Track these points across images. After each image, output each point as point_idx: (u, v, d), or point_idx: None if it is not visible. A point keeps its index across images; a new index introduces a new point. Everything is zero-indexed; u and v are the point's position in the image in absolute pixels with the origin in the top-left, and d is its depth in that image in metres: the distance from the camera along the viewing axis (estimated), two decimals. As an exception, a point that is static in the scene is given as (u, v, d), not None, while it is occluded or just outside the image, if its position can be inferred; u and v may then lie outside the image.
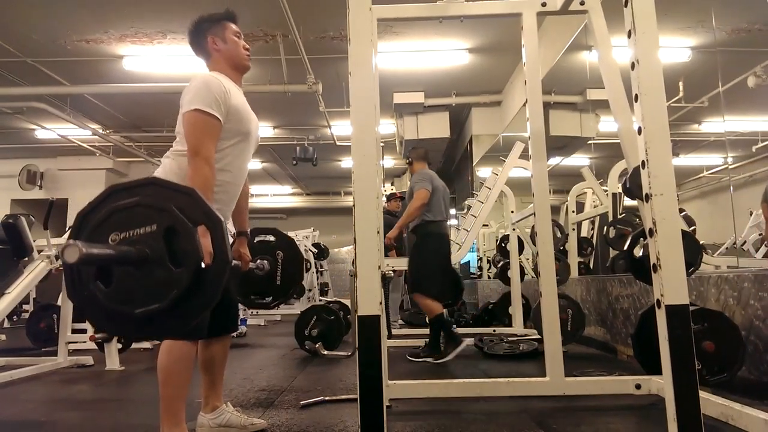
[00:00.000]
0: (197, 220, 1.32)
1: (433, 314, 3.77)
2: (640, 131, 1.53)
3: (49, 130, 8.62)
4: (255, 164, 11.04)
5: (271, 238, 2.49)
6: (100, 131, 8.86)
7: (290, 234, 8.15)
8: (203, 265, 1.30)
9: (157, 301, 1.27)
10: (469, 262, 10.07)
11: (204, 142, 1.77)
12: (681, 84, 4.76)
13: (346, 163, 11.08)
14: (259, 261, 2.37)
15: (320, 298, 8.04)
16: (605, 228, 4.54)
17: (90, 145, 9.58)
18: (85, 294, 1.29)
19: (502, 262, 5.46)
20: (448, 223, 4.85)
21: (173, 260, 1.28)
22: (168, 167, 1.88)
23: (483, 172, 8.02)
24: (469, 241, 4.63)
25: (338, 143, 9.13)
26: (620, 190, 4.27)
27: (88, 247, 1.14)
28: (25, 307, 6.90)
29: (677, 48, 4.77)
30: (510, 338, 4.32)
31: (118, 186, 1.40)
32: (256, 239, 2.46)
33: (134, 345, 4.34)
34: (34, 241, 3.73)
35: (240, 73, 2.07)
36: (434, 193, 3.88)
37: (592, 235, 5.76)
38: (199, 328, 1.79)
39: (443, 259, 3.94)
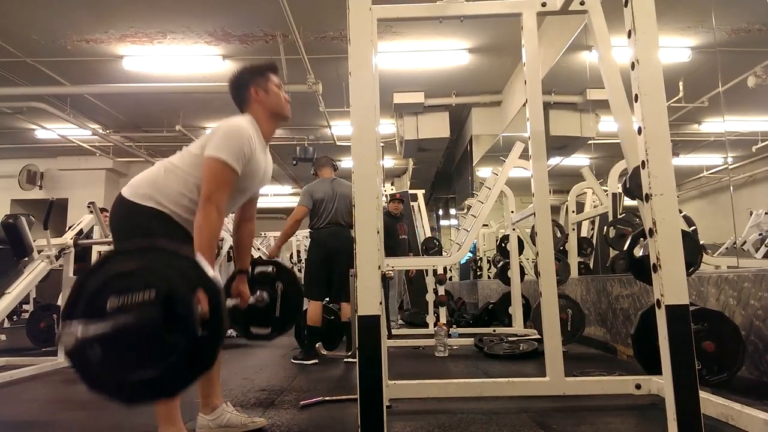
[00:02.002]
0: (196, 285, 1.32)
1: (309, 322, 4.00)
2: (640, 131, 1.53)
3: (49, 130, 8.63)
4: (255, 164, 11.01)
5: (271, 269, 2.47)
6: (100, 131, 8.87)
7: (290, 234, 7.99)
8: (199, 333, 1.28)
9: (152, 369, 1.26)
10: (468, 262, 10.08)
11: (219, 190, 1.83)
12: (681, 84, 4.76)
13: (346, 163, 11.05)
14: (258, 293, 2.35)
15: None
16: (605, 228, 4.53)
17: (90, 145, 9.59)
18: (81, 356, 1.28)
19: (502, 262, 5.46)
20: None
21: (170, 327, 1.27)
22: (155, 178, 1.91)
23: (483, 172, 8.02)
24: (469, 242, 4.62)
25: (338, 143, 9.13)
26: (620, 190, 4.27)
27: (84, 329, 1.15)
28: (25, 307, 6.90)
29: (677, 48, 4.77)
30: (510, 338, 4.32)
31: (122, 248, 1.41)
32: (256, 270, 2.43)
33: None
34: (34, 241, 3.73)
35: (278, 122, 2.12)
36: (317, 204, 4.17)
37: (592, 235, 5.76)
38: None
39: (320, 264, 4.10)
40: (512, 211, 5.18)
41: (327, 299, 4.31)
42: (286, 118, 2.12)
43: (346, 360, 3.91)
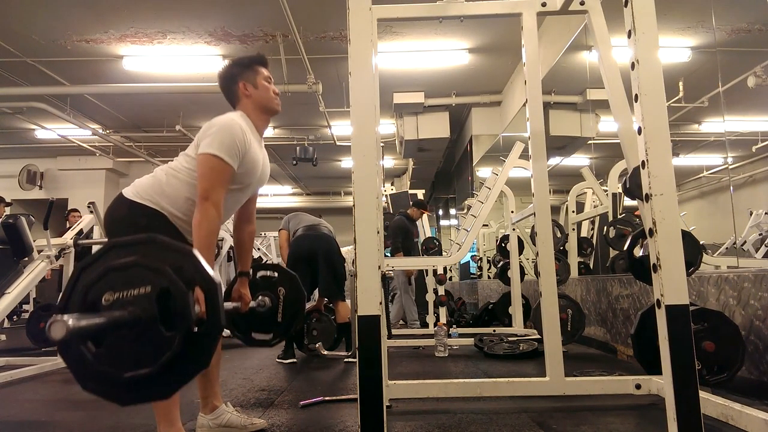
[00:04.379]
0: (193, 281, 1.29)
1: None
2: (640, 131, 1.53)
3: (49, 130, 8.63)
4: (255, 164, 11.01)
5: (274, 274, 2.46)
6: (100, 131, 8.87)
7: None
8: (196, 329, 1.26)
9: (148, 366, 1.23)
10: (468, 262, 10.08)
11: (216, 187, 1.81)
12: (681, 84, 4.76)
13: (346, 163, 11.09)
14: (260, 298, 2.34)
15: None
16: (605, 228, 4.54)
17: (90, 145, 9.59)
18: (74, 353, 1.25)
19: (502, 262, 5.46)
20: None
21: (166, 323, 1.24)
22: (158, 182, 1.90)
23: (483, 172, 8.03)
24: (469, 241, 4.62)
25: (338, 143, 9.13)
26: (620, 190, 4.27)
27: (76, 320, 1.11)
28: (25, 307, 6.89)
29: (677, 48, 4.77)
30: (510, 338, 4.32)
31: (118, 242, 1.38)
32: (258, 275, 2.42)
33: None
34: (34, 241, 3.73)
35: (269, 117, 2.11)
36: (291, 220, 4.53)
37: (592, 235, 5.76)
38: None
39: (294, 264, 4.15)
40: (512, 211, 5.18)
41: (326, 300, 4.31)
42: (275, 112, 2.10)
43: (346, 360, 3.91)
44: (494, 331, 5.00)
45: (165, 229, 1.85)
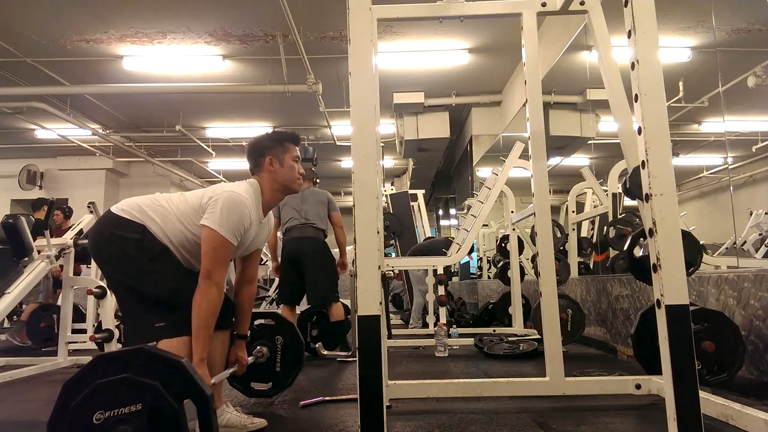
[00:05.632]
0: (184, 394, 1.29)
1: None
2: (640, 131, 1.54)
3: (49, 130, 8.63)
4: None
5: (271, 322, 2.44)
6: (100, 131, 8.87)
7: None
8: None
9: None
10: (468, 262, 10.07)
11: (218, 266, 1.87)
12: (681, 84, 4.76)
13: (346, 163, 11.09)
14: (257, 348, 2.36)
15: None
16: (605, 228, 4.53)
17: (90, 145, 9.59)
18: None
19: (502, 262, 5.46)
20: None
21: None
22: (150, 206, 1.94)
23: (483, 172, 8.03)
24: (469, 241, 4.62)
25: (338, 143, 9.13)
26: (620, 190, 4.27)
27: None
28: (25, 307, 6.89)
29: (677, 48, 4.77)
30: (510, 338, 4.32)
31: (107, 355, 1.37)
32: (256, 323, 2.41)
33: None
34: (34, 241, 3.72)
35: (285, 195, 2.16)
36: (281, 210, 4.18)
37: (592, 235, 5.76)
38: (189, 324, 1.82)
39: (285, 267, 4.16)
40: (512, 211, 5.18)
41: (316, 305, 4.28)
42: (294, 192, 2.17)
43: (339, 359, 3.90)
44: (494, 331, 4.99)
45: (157, 244, 1.89)
